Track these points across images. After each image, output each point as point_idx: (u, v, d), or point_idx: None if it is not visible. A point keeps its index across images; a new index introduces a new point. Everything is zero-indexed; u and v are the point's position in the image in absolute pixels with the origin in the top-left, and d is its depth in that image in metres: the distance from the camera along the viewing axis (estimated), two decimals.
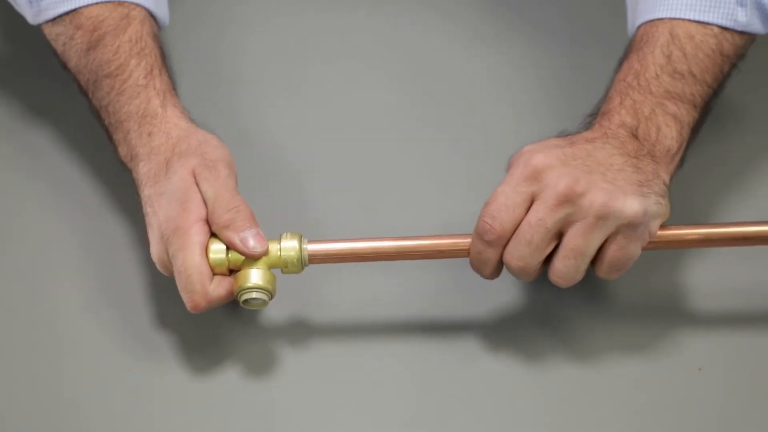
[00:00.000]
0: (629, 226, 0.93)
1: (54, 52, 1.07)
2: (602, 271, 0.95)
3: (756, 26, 1.03)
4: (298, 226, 1.02)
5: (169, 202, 0.96)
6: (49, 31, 1.05)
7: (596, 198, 0.92)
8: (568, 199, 0.92)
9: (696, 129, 1.02)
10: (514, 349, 1.01)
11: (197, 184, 0.97)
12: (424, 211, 1.10)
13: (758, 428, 0.97)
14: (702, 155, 1.08)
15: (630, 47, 1.04)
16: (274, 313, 1.03)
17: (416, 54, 1.22)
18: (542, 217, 0.92)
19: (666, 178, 0.98)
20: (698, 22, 1.01)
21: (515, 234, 0.93)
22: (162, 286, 1.03)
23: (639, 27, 1.04)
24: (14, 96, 1.16)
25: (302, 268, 0.97)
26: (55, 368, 1.00)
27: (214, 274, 0.96)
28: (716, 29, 1.02)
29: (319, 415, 0.98)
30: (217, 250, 0.96)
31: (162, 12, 1.08)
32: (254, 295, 0.96)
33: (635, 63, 1.02)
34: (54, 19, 1.04)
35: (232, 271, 0.97)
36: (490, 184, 0.94)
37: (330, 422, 0.98)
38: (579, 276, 0.94)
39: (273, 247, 0.97)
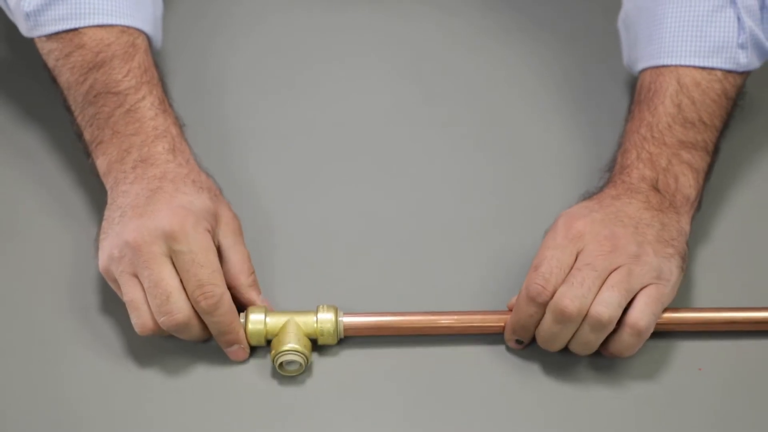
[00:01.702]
0: (659, 278, 0.96)
1: (44, 65, 1.07)
2: (631, 317, 0.96)
3: (754, 63, 1.07)
4: (296, 229, 1.03)
5: (186, 211, 0.97)
6: (42, 46, 1.06)
7: (631, 249, 0.96)
8: (610, 249, 0.96)
9: (709, 172, 1.05)
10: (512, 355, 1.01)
11: (214, 228, 0.99)
12: (431, 217, 1.10)
13: (758, 428, 0.97)
14: None
15: (639, 97, 1.07)
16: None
17: (419, 53, 1.23)
18: (589, 262, 0.96)
19: (687, 227, 1.02)
20: (703, 68, 1.05)
21: (566, 281, 0.96)
22: None
23: (643, 71, 1.08)
24: (8, 98, 1.16)
25: (337, 340, 0.99)
26: (53, 372, 0.99)
27: (252, 344, 0.99)
28: (720, 74, 1.05)
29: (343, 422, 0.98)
30: (256, 320, 0.98)
31: (158, 35, 1.10)
32: (290, 357, 0.97)
33: (647, 114, 1.05)
34: (50, 35, 1.04)
35: (269, 342, 0.99)
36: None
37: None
38: (619, 310, 0.95)
39: (309, 318, 0.98)
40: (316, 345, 1.00)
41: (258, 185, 1.11)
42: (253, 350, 1.00)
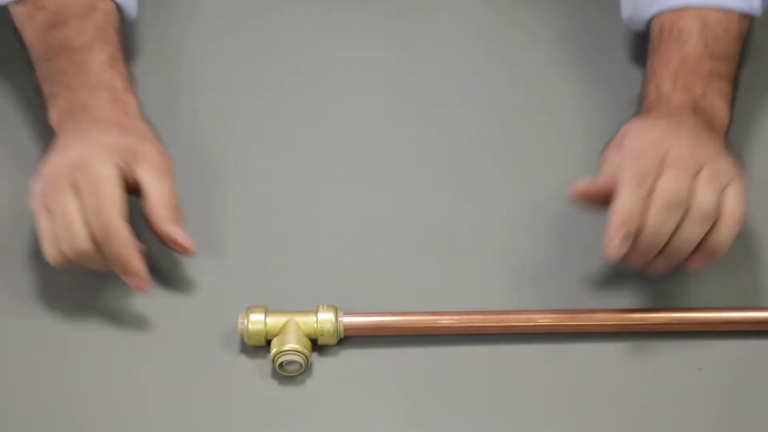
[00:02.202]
0: (738, 176, 0.99)
1: (15, 29, 1.11)
2: (728, 207, 0.97)
3: (759, 10, 1.11)
4: (296, 229, 1.03)
5: (95, 145, 0.99)
6: (14, 10, 1.11)
7: (710, 149, 0.99)
8: (692, 151, 0.98)
9: (733, 105, 1.08)
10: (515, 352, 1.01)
11: (129, 162, 0.99)
12: (431, 217, 1.10)
13: (758, 428, 0.97)
14: None
15: (660, 37, 1.10)
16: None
17: (419, 53, 1.23)
18: (678, 161, 0.97)
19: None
20: (723, 9, 1.09)
21: (664, 174, 0.96)
22: (161, 280, 1.03)
23: (658, 15, 1.11)
24: (8, 93, 1.16)
25: (337, 340, 0.99)
26: (53, 372, 0.99)
27: (252, 344, 0.99)
28: (737, 15, 1.09)
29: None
30: (256, 320, 0.98)
31: (131, 4, 1.13)
32: (290, 357, 0.97)
33: (675, 50, 1.08)
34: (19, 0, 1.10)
35: (269, 342, 0.99)
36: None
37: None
38: (717, 201, 0.96)
39: (309, 318, 0.98)
40: (316, 345, 1.00)
41: (258, 185, 1.11)
42: (253, 350, 1.00)
